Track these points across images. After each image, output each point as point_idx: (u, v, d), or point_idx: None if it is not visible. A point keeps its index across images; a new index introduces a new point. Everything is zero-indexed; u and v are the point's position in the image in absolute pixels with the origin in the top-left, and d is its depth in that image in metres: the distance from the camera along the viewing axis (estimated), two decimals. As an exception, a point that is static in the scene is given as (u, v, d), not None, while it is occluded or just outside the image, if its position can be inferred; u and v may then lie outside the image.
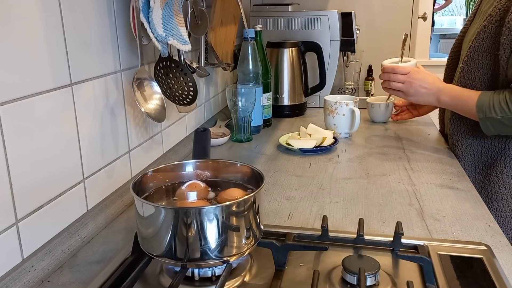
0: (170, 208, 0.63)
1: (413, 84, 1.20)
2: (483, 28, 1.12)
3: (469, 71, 1.16)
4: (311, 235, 0.74)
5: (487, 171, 1.19)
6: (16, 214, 0.64)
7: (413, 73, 1.21)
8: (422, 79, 1.19)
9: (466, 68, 1.16)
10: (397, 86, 1.23)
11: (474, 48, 1.14)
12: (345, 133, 1.38)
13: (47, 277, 0.68)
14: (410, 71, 1.21)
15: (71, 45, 0.73)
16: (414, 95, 1.21)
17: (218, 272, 0.64)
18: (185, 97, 1.00)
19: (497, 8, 1.10)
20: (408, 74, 1.21)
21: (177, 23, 0.91)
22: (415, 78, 1.20)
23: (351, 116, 1.34)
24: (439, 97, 1.18)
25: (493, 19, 1.10)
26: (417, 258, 0.67)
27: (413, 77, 1.20)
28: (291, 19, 1.69)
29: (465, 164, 1.21)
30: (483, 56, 1.12)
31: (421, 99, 1.22)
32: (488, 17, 1.11)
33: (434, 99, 1.19)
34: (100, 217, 0.83)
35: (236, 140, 1.35)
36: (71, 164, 0.75)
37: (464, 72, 1.17)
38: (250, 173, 0.72)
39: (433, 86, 1.18)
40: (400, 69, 1.23)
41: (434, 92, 1.18)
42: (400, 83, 1.22)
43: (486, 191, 1.18)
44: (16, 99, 0.62)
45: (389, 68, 1.25)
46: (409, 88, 1.20)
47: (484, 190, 1.18)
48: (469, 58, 1.15)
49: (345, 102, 1.35)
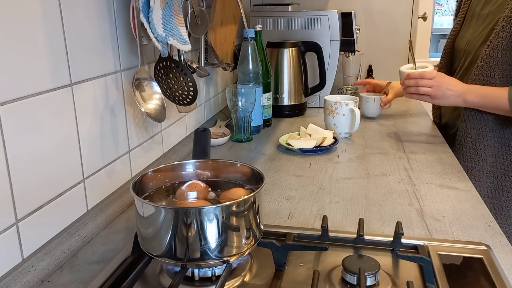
0: (170, 208, 0.63)
1: (441, 87, 1.24)
2: (502, 28, 1.20)
3: (488, 68, 1.22)
4: (311, 235, 0.74)
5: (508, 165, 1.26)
6: (16, 214, 0.64)
7: (438, 77, 1.26)
8: (448, 82, 1.25)
9: (486, 66, 1.22)
10: (425, 90, 1.26)
11: (493, 46, 1.21)
12: (345, 133, 1.38)
13: (47, 277, 0.68)
14: (436, 75, 1.26)
15: (71, 45, 0.73)
16: (442, 97, 1.25)
17: (218, 272, 0.64)
18: (185, 97, 1.00)
19: None
20: (435, 78, 1.25)
21: (177, 23, 0.91)
22: (441, 82, 1.25)
23: (351, 116, 1.34)
24: (466, 98, 1.23)
25: (511, 19, 1.18)
26: (417, 258, 0.66)
27: (440, 81, 1.25)
28: (291, 19, 1.69)
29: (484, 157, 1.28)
30: (502, 54, 1.19)
31: (447, 101, 1.26)
32: (507, 18, 1.19)
33: (461, 100, 1.24)
34: (100, 217, 0.83)
35: (236, 140, 1.35)
36: (71, 164, 0.75)
37: (482, 70, 1.23)
38: (250, 173, 0.72)
39: (458, 88, 1.24)
40: (428, 74, 1.27)
41: (460, 93, 1.23)
42: (428, 88, 1.26)
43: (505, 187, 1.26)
44: (16, 99, 0.62)
45: (416, 74, 1.28)
46: (437, 92, 1.24)
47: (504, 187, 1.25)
48: (488, 56, 1.21)
49: (345, 102, 1.35)
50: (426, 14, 2.31)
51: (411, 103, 1.81)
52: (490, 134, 1.27)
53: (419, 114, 1.65)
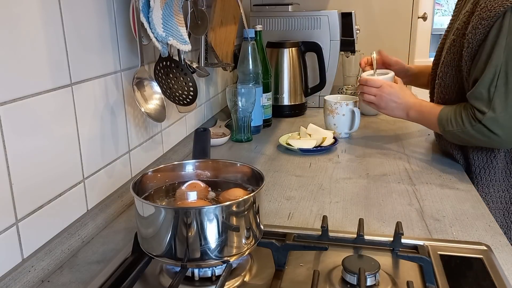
0: (170, 208, 0.63)
1: (384, 98, 1.21)
2: (453, 42, 1.10)
3: (446, 86, 1.14)
4: (311, 235, 0.74)
5: None
6: (16, 214, 0.64)
7: (385, 86, 1.22)
8: (393, 93, 1.21)
9: (443, 84, 1.14)
10: (369, 98, 1.25)
11: (446, 63, 1.12)
12: (345, 133, 1.38)
13: (47, 277, 0.68)
14: (382, 84, 1.22)
15: (71, 45, 0.73)
16: (385, 108, 1.23)
17: (218, 272, 0.64)
18: (185, 97, 1.00)
19: (462, 20, 1.07)
20: (380, 88, 1.22)
21: (177, 23, 0.91)
22: (385, 92, 1.21)
23: (351, 116, 1.34)
24: (408, 112, 1.19)
25: (460, 32, 1.07)
26: (417, 258, 0.67)
27: (384, 91, 1.21)
28: (291, 19, 1.69)
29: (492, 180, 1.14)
30: (456, 71, 1.10)
31: (391, 113, 1.23)
32: (456, 31, 1.09)
33: (404, 113, 1.20)
34: (100, 217, 0.83)
35: (236, 140, 1.35)
36: (71, 164, 0.75)
37: (441, 87, 1.15)
38: (250, 173, 0.72)
39: (403, 101, 1.20)
40: (373, 82, 1.24)
41: (404, 107, 1.20)
42: (372, 96, 1.24)
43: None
44: (16, 99, 0.62)
45: (362, 80, 1.27)
46: (380, 101, 1.22)
47: None
48: (444, 74, 1.13)
49: (345, 102, 1.35)
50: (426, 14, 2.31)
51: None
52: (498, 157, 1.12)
53: None
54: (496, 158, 1.11)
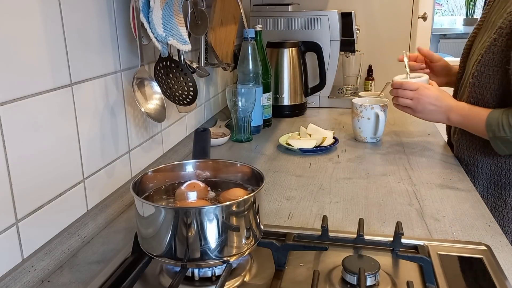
0: (170, 208, 0.63)
1: (421, 101, 1.15)
2: (493, 41, 1.05)
3: (480, 86, 1.09)
4: (311, 235, 0.74)
5: (500, 192, 1.12)
6: (16, 214, 0.64)
7: (422, 89, 1.15)
8: (431, 95, 1.14)
9: (477, 83, 1.09)
10: (405, 102, 1.18)
11: (484, 62, 1.07)
12: (371, 138, 1.30)
13: (47, 277, 0.68)
14: (419, 87, 1.16)
15: (71, 45, 0.73)
16: (422, 111, 1.16)
17: (218, 272, 0.64)
18: (185, 97, 1.00)
19: (507, 20, 1.03)
20: (417, 90, 1.16)
21: (177, 23, 0.91)
22: (423, 95, 1.14)
23: (375, 120, 1.27)
24: (449, 116, 1.13)
25: (503, 31, 1.03)
26: (417, 258, 0.67)
27: (422, 93, 1.15)
28: (291, 19, 1.69)
29: (476, 182, 1.15)
30: (494, 71, 1.06)
31: (430, 117, 1.17)
32: (498, 30, 1.04)
33: (444, 117, 1.14)
34: (100, 217, 0.83)
35: (236, 140, 1.35)
36: (71, 164, 0.75)
37: (474, 87, 1.10)
38: (250, 173, 0.72)
39: (442, 104, 1.13)
40: (409, 85, 1.17)
41: (444, 110, 1.13)
42: (408, 99, 1.17)
43: (500, 214, 1.12)
44: (16, 99, 0.62)
45: (397, 84, 1.20)
46: (417, 105, 1.15)
47: (498, 212, 1.12)
48: (479, 73, 1.08)
49: (370, 106, 1.27)
50: (426, 14, 2.31)
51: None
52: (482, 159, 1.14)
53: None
54: None
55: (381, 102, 1.32)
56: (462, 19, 6.10)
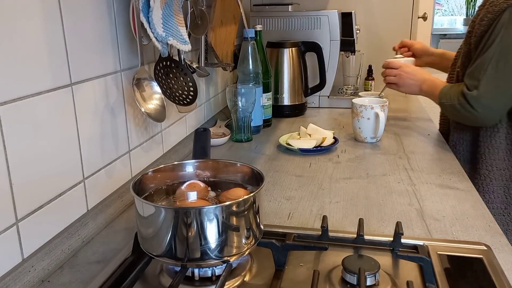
0: (170, 208, 0.63)
1: (403, 76, 1.38)
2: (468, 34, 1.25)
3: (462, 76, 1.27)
4: (311, 235, 0.74)
5: (476, 164, 1.28)
6: (16, 214, 0.64)
7: (403, 67, 1.39)
8: (410, 72, 1.38)
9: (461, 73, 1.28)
10: (390, 79, 1.41)
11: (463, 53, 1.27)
12: (371, 138, 1.31)
13: (47, 277, 0.69)
14: (401, 65, 1.40)
15: (71, 45, 0.73)
16: (403, 85, 1.39)
17: (218, 272, 0.64)
18: (185, 97, 1.00)
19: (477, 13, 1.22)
20: (399, 68, 1.39)
21: (177, 23, 0.91)
22: (404, 71, 1.38)
23: (375, 120, 1.28)
24: (421, 86, 1.35)
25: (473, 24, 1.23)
26: (417, 258, 0.67)
27: (403, 70, 1.39)
28: (291, 19, 1.69)
29: (458, 157, 1.27)
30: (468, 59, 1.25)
31: (409, 89, 1.39)
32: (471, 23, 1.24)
33: (418, 88, 1.36)
34: (100, 217, 0.83)
35: (236, 140, 1.35)
36: (71, 164, 0.75)
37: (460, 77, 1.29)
38: (250, 173, 0.72)
39: (419, 78, 1.36)
40: (393, 63, 1.42)
41: (419, 83, 1.35)
42: (392, 76, 1.40)
43: (476, 185, 1.23)
44: (16, 99, 0.62)
45: (385, 64, 1.45)
46: (399, 80, 1.39)
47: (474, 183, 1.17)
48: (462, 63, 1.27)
49: (370, 106, 1.28)
50: (426, 14, 2.30)
51: (411, 103, 1.81)
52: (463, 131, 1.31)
53: (419, 113, 1.65)
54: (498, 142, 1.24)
55: (381, 102, 1.33)
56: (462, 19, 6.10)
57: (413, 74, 1.37)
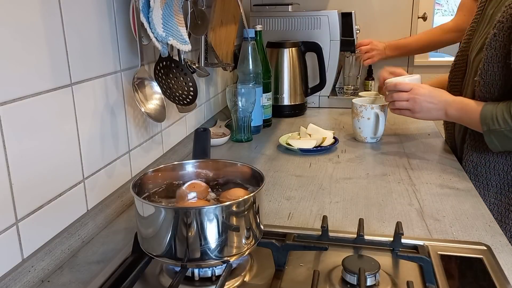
0: (170, 208, 0.63)
1: (417, 100, 1.12)
2: (493, 37, 1.02)
3: (486, 84, 1.05)
4: (311, 235, 0.74)
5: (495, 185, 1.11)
6: (16, 214, 0.64)
7: (416, 88, 1.14)
8: (426, 94, 1.12)
9: (483, 82, 1.05)
10: (401, 104, 1.15)
11: (487, 60, 1.03)
12: (371, 138, 1.30)
13: (47, 277, 0.68)
14: (412, 87, 1.14)
15: (71, 45, 0.73)
16: (420, 111, 1.13)
17: (218, 272, 0.64)
18: (185, 97, 1.00)
19: (507, 13, 1.00)
20: (411, 91, 1.14)
21: (177, 23, 0.91)
22: (418, 94, 1.13)
23: (375, 120, 1.27)
24: (447, 111, 1.11)
25: (503, 26, 1.00)
26: (417, 258, 0.67)
27: (417, 93, 1.13)
28: (291, 19, 1.69)
29: (489, 184, 1.12)
30: (499, 67, 1.02)
31: (429, 115, 1.14)
32: (498, 24, 1.01)
33: (442, 113, 1.12)
34: (100, 217, 0.83)
35: (236, 140, 1.35)
36: (71, 164, 0.75)
37: (481, 86, 1.06)
38: (250, 173, 0.72)
39: (440, 99, 1.11)
40: (402, 86, 1.15)
41: (441, 106, 1.11)
42: (404, 101, 1.14)
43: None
44: (16, 99, 0.62)
45: (390, 86, 1.18)
46: (414, 105, 1.13)
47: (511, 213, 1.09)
48: (484, 71, 1.04)
49: (370, 106, 1.27)
50: (426, 14, 2.30)
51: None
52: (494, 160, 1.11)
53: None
54: None
55: (381, 102, 1.32)
56: (462, 19, 6.07)
57: (431, 97, 1.11)
